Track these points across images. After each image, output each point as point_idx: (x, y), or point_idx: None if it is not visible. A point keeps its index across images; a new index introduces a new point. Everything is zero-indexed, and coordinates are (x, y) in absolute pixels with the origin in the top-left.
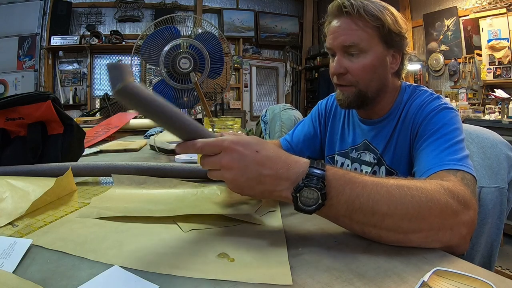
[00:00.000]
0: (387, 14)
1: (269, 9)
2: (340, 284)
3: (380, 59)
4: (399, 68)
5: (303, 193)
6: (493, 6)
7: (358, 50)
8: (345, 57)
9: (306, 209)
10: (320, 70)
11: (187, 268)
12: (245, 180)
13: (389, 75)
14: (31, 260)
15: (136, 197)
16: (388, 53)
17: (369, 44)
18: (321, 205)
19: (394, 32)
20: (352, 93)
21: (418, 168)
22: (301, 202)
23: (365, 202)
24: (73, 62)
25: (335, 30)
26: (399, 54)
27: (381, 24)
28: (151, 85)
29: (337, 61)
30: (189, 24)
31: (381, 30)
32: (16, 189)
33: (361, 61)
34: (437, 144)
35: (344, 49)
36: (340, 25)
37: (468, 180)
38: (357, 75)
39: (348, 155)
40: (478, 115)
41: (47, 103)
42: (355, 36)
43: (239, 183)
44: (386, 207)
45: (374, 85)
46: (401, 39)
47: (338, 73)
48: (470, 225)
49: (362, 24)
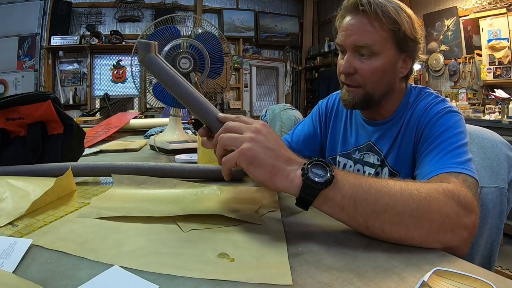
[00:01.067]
0: (404, 18)
1: (269, 9)
2: (340, 284)
3: (391, 63)
4: (408, 73)
5: (312, 169)
6: (493, 6)
7: (370, 52)
8: (356, 57)
9: (316, 181)
10: (320, 70)
11: (187, 268)
12: (264, 149)
13: (397, 79)
14: (31, 260)
15: (136, 197)
16: (400, 57)
17: (382, 47)
18: (330, 180)
19: (409, 37)
20: (359, 95)
21: (420, 171)
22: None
23: (368, 189)
24: (73, 62)
25: (348, 27)
26: (411, 59)
27: (397, 28)
28: (151, 85)
29: (346, 60)
30: (189, 24)
31: (396, 34)
32: (16, 189)
33: (371, 63)
34: (441, 147)
35: (355, 48)
36: (355, 23)
37: (470, 183)
38: (365, 76)
39: (351, 156)
40: (478, 115)
41: (47, 103)
42: (368, 37)
43: (257, 150)
44: (388, 197)
45: (381, 88)
46: (415, 45)
47: (346, 72)
48: (472, 229)
49: (377, 26)
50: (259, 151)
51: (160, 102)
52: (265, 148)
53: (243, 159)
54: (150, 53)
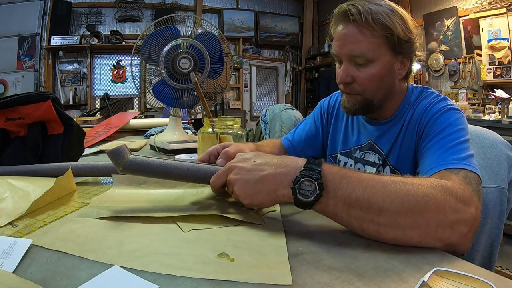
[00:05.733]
0: (396, 20)
1: (269, 9)
2: (340, 284)
3: (388, 68)
4: (407, 72)
5: (301, 185)
6: (493, 6)
7: (365, 60)
8: (352, 65)
9: (305, 201)
10: (320, 70)
11: (187, 268)
12: (249, 186)
13: (397, 81)
14: (31, 260)
15: (136, 197)
16: (397, 60)
17: (376, 54)
18: (319, 196)
19: (404, 39)
20: (358, 102)
21: (422, 168)
22: (300, 194)
23: (361, 195)
24: (73, 62)
25: (341, 37)
26: (408, 59)
27: (390, 33)
28: (151, 85)
29: (343, 70)
30: (189, 24)
31: (389, 39)
32: (16, 189)
33: (368, 70)
34: (441, 144)
35: (350, 58)
36: (347, 33)
37: (471, 178)
38: (363, 84)
39: (352, 154)
40: (478, 115)
41: (47, 103)
42: (362, 46)
43: (246, 190)
44: (382, 201)
45: (380, 93)
46: (411, 45)
47: (344, 82)
48: (472, 223)
49: (369, 33)
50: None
51: (160, 102)
52: (250, 185)
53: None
54: (127, 157)
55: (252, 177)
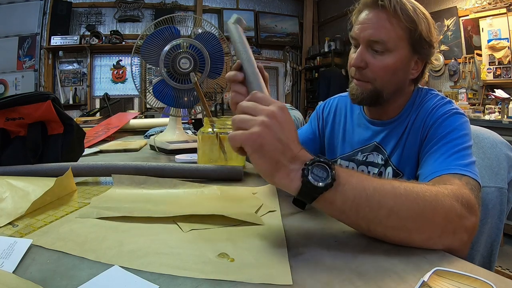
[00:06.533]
0: (422, 18)
1: (269, 9)
2: (340, 283)
3: (403, 62)
4: (419, 76)
5: (313, 170)
6: (493, 6)
7: (384, 48)
8: (369, 51)
9: (315, 185)
10: (320, 70)
11: (187, 268)
12: (274, 139)
13: (408, 80)
14: (31, 260)
15: (136, 197)
16: (413, 58)
17: (396, 45)
18: (329, 186)
19: (425, 39)
20: (367, 90)
21: (423, 171)
22: (312, 177)
23: (372, 195)
24: (73, 62)
25: (365, 21)
26: (423, 62)
27: (414, 28)
28: (151, 85)
29: (359, 54)
30: (189, 24)
31: (412, 34)
32: (16, 189)
33: (384, 59)
34: (445, 148)
35: (369, 43)
36: (372, 18)
37: (473, 185)
38: (376, 72)
39: (353, 158)
40: (478, 115)
41: (47, 103)
42: (384, 33)
43: (265, 138)
44: (392, 202)
45: (391, 87)
46: (430, 48)
47: (357, 66)
48: (472, 232)
49: (395, 22)
50: (268, 141)
51: (160, 102)
52: (275, 139)
53: (249, 144)
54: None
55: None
